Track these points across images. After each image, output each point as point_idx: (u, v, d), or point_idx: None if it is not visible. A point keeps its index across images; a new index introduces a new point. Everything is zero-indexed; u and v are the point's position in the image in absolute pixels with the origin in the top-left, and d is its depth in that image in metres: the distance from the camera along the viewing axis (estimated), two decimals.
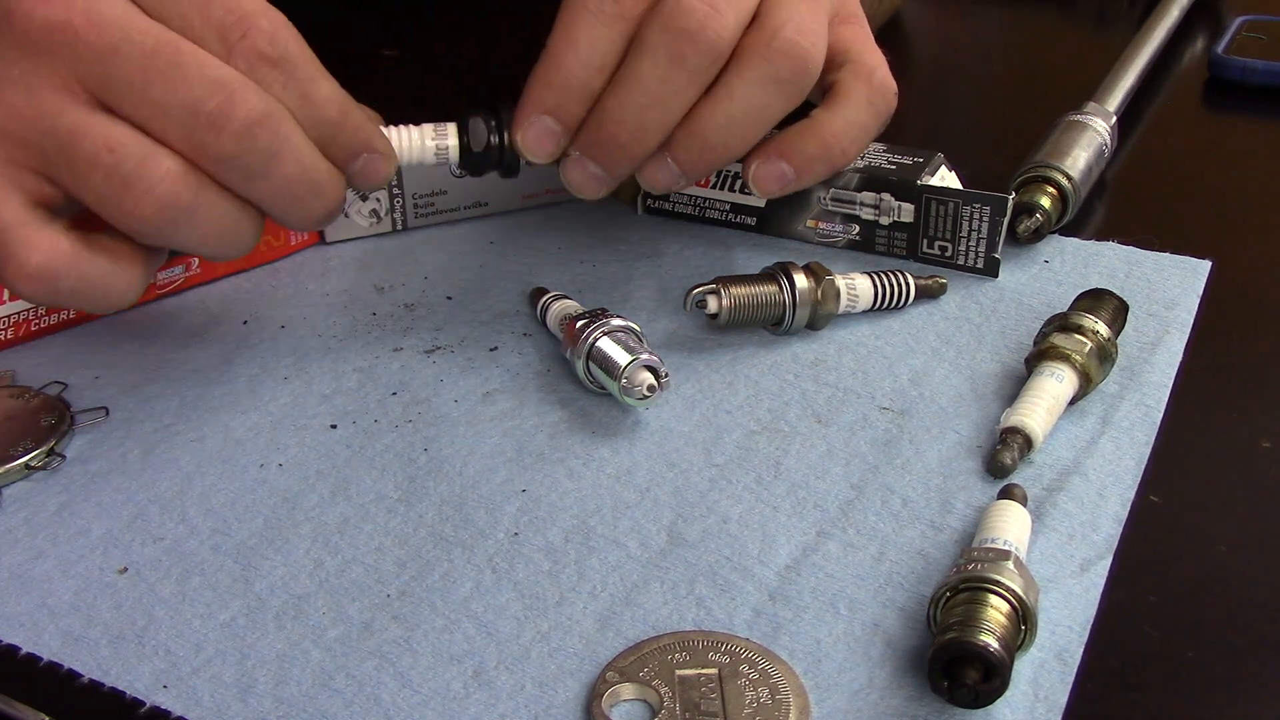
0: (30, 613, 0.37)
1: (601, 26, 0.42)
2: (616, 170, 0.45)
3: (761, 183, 0.47)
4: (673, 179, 0.45)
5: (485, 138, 0.44)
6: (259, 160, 0.38)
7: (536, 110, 0.43)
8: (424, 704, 0.34)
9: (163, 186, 0.37)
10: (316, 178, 0.40)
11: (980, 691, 0.32)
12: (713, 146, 0.44)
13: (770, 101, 0.44)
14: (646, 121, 0.43)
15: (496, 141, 0.45)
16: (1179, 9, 0.72)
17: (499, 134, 0.45)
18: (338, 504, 0.41)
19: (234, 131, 0.37)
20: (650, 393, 0.42)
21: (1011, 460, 0.40)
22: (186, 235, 0.39)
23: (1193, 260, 0.52)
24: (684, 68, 0.42)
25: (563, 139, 0.44)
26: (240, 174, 0.39)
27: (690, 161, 0.44)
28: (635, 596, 0.37)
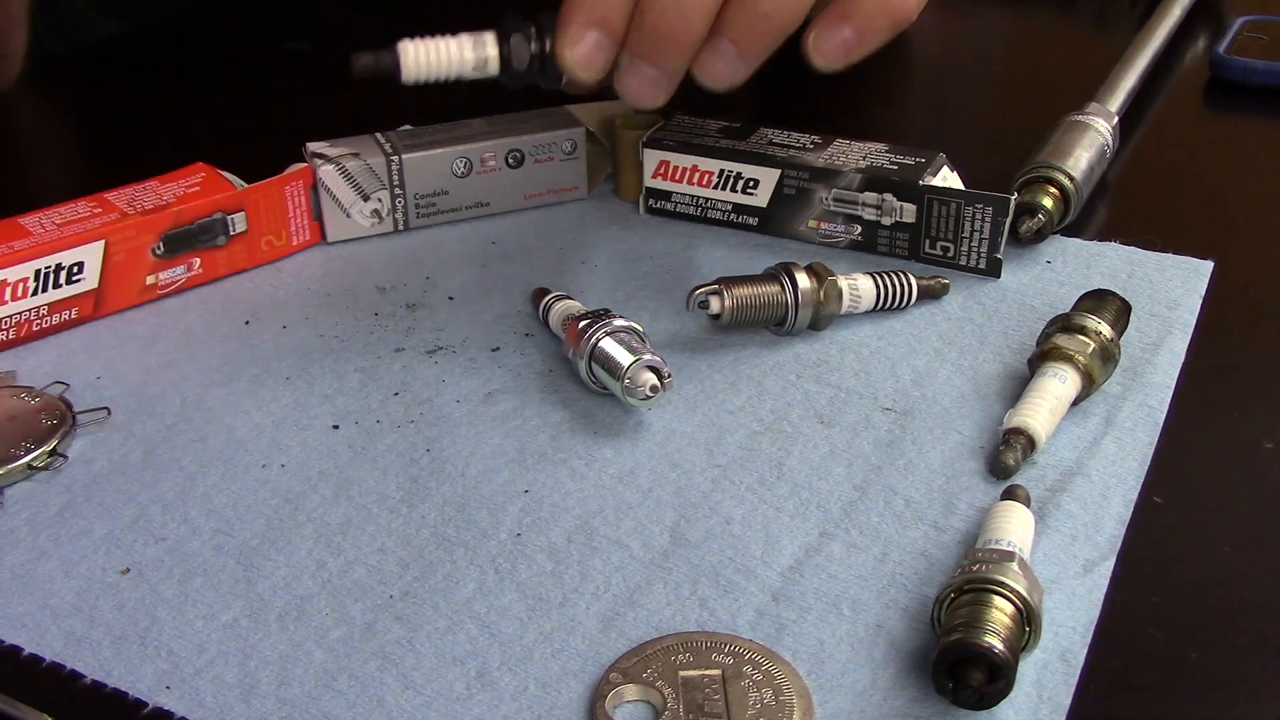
0: (33, 613, 0.37)
1: None
2: (669, 64, 0.43)
3: (824, 52, 0.45)
4: (731, 65, 0.43)
5: (526, 48, 0.44)
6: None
7: (582, 25, 0.43)
8: (427, 705, 0.34)
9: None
10: None
11: (985, 693, 0.32)
12: (767, 14, 0.43)
13: None
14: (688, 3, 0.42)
15: (537, 50, 0.44)
16: (1180, 9, 0.72)
17: (539, 42, 0.44)
18: (340, 504, 0.41)
19: None
20: (653, 393, 0.42)
21: (1014, 461, 0.40)
22: None
23: (1195, 261, 0.52)
24: None
25: (610, 50, 0.43)
26: None
27: (747, 38, 0.43)
28: (638, 597, 0.37)
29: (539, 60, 0.44)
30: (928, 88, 0.74)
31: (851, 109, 0.70)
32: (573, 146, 0.57)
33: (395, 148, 0.55)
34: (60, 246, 0.48)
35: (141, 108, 0.70)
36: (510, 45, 0.44)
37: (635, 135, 0.56)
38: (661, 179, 0.56)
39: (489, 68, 0.44)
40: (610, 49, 0.43)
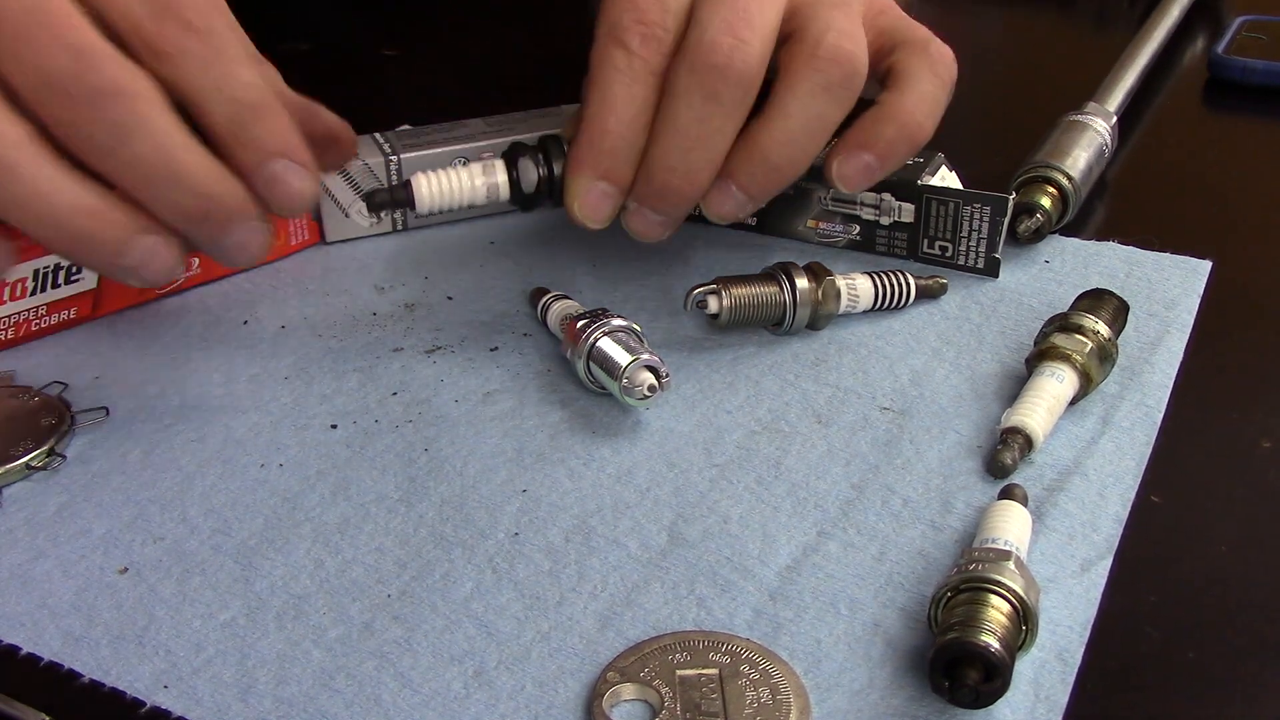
0: (31, 613, 0.37)
1: (635, 83, 0.43)
2: (675, 213, 0.45)
3: (849, 180, 0.47)
4: (738, 206, 0.45)
5: (534, 172, 0.46)
6: (109, 134, 0.36)
7: (590, 175, 0.44)
8: (424, 704, 0.34)
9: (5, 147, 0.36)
10: (177, 166, 0.38)
11: (981, 692, 0.32)
12: (776, 166, 0.44)
13: (825, 110, 0.44)
14: (693, 162, 0.43)
15: (545, 174, 0.46)
16: (1179, 9, 0.72)
17: (548, 167, 0.46)
18: (338, 504, 0.41)
19: (82, 99, 0.36)
20: (651, 393, 0.42)
21: (1012, 460, 0.40)
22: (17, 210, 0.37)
23: (1193, 260, 0.52)
24: (719, 103, 0.43)
25: (617, 199, 0.45)
26: (88, 145, 0.37)
27: (755, 185, 0.45)
28: (636, 596, 0.37)
29: (547, 184, 0.46)
30: None
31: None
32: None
33: (394, 148, 0.55)
34: None
35: None
36: (519, 170, 0.46)
37: None
38: None
39: (500, 193, 0.46)
40: (617, 198, 0.45)
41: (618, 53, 0.43)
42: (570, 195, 0.45)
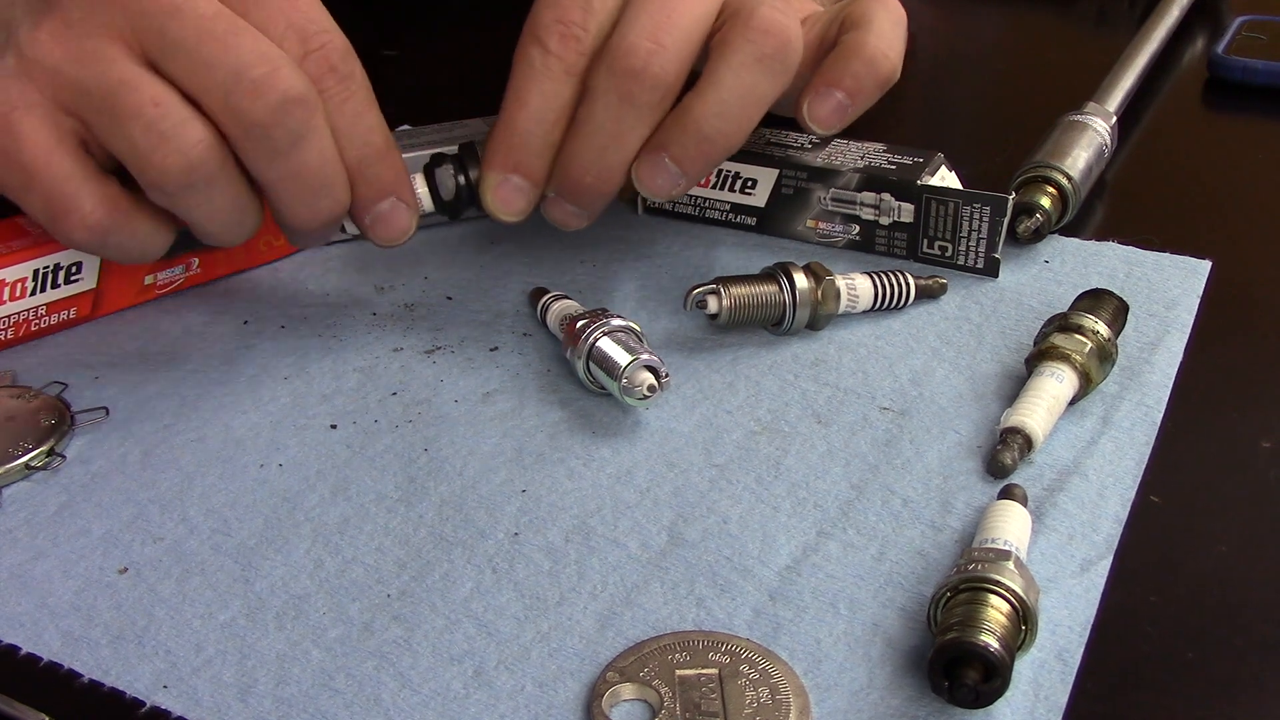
0: (30, 613, 0.37)
1: (549, 81, 0.44)
2: (593, 207, 0.46)
3: (821, 120, 0.47)
4: (672, 181, 0.45)
5: (453, 183, 0.46)
6: (286, 138, 0.40)
7: (500, 170, 0.45)
8: (424, 704, 0.34)
9: (196, 150, 0.39)
10: (333, 176, 0.42)
11: (981, 691, 0.32)
12: (709, 137, 0.44)
13: (758, 82, 0.44)
14: (608, 161, 0.44)
15: (464, 183, 0.46)
16: (1179, 9, 0.72)
17: (465, 175, 0.46)
18: (338, 504, 0.41)
19: (271, 102, 0.39)
20: (650, 393, 0.42)
21: (1012, 460, 0.40)
22: (199, 204, 0.40)
23: (1193, 260, 0.52)
24: (634, 105, 0.43)
25: (531, 193, 0.45)
26: (265, 148, 0.40)
27: (689, 158, 0.44)
28: (635, 596, 0.37)
29: (467, 190, 0.47)
30: (926, 87, 0.74)
31: None
32: None
33: None
34: (59, 246, 0.48)
35: None
36: (436, 179, 0.46)
37: None
38: None
39: (424, 205, 0.46)
40: (530, 192, 0.45)
41: (534, 51, 0.44)
42: (484, 189, 0.45)
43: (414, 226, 0.45)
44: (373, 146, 0.43)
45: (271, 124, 0.39)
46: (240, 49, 0.39)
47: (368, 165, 0.43)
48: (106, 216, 0.40)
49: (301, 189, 0.41)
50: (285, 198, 0.42)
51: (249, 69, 0.39)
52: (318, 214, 0.42)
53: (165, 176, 0.39)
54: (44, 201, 0.40)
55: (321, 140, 0.41)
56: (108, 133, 0.39)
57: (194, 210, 0.41)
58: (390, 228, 0.45)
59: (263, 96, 0.39)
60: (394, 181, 0.44)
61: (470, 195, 0.47)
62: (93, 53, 0.39)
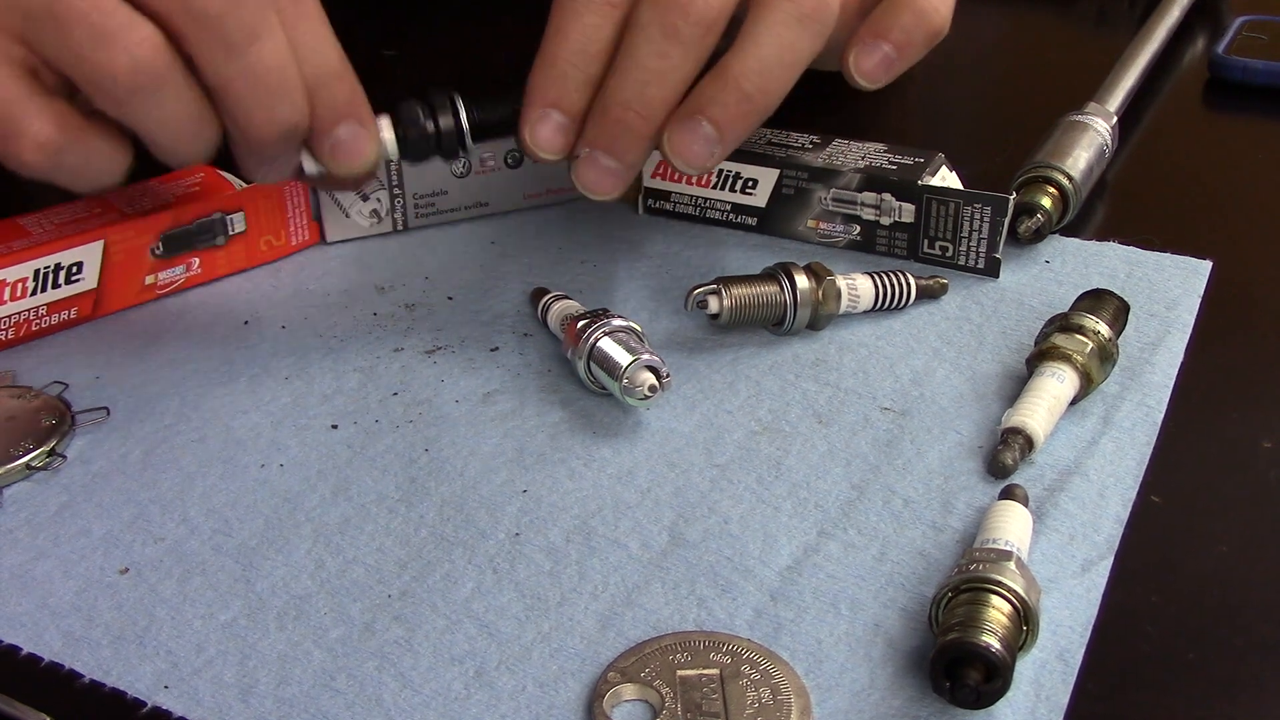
0: (31, 613, 0.37)
1: (590, 14, 0.42)
2: (629, 157, 0.44)
3: (868, 73, 0.45)
4: (708, 148, 0.43)
5: (420, 124, 0.44)
6: (239, 31, 0.38)
7: (541, 105, 0.43)
8: (425, 704, 0.34)
9: (141, 49, 0.37)
10: (290, 79, 0.40)
11: (982, 692, 0.32)
12: (749, 95, 0.43)
13: (798, 41, 0.43)
14: (649, 98, 0.42)
15: (434, 129, 0.45)
16: (1179, 9, 0.72)
17: (434, 119, 0.45)
18: (339, 504, 0.41)
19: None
20: (651, 393, 0.42)
21: (1013, 460, 0.40)
22: (151, 110, 0.39)
23: (1193, 260, 0.52)
24: (679, 40, 0.42)
25: (571, 130, 0.44)
26: (218, 43, 0.38)
27: (729, 119, 0.43)
28: (636, 597, 0.37)
29: (435, 136, 0.45)
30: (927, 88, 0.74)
31: (850, 109, 0.70)
32: None
33: None
34: (59, 246, 0.48)
35: None
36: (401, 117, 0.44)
37: None
38: (660, 179, 0.56)
39: (389, 150, 0.45)
40: (572, 131, 0.44)
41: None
42: (523, 126, 0.44)
43: (375, 155, 0.43)
44: (329, 65, 0.41)
45: (222, 14, 0.38)
46: None
47: (324, 85, 0.41)
48: (58, 133, 0.39)
49: (258, 89, 0.39)
50: (241, 101, 0.40)
51: None
52: (274, 121, 0.40)
53: (112, 80, 0.38)
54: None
55: (276, 39, 0.39)
56: (52, 46, 0.38)
57: (146, 118, 0.39)
58: (351, 155, 0.43)
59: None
60: (352, 103, 0.42)
61: (438, 141, 0.45)
62: None
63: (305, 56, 0.40)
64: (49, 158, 0.39)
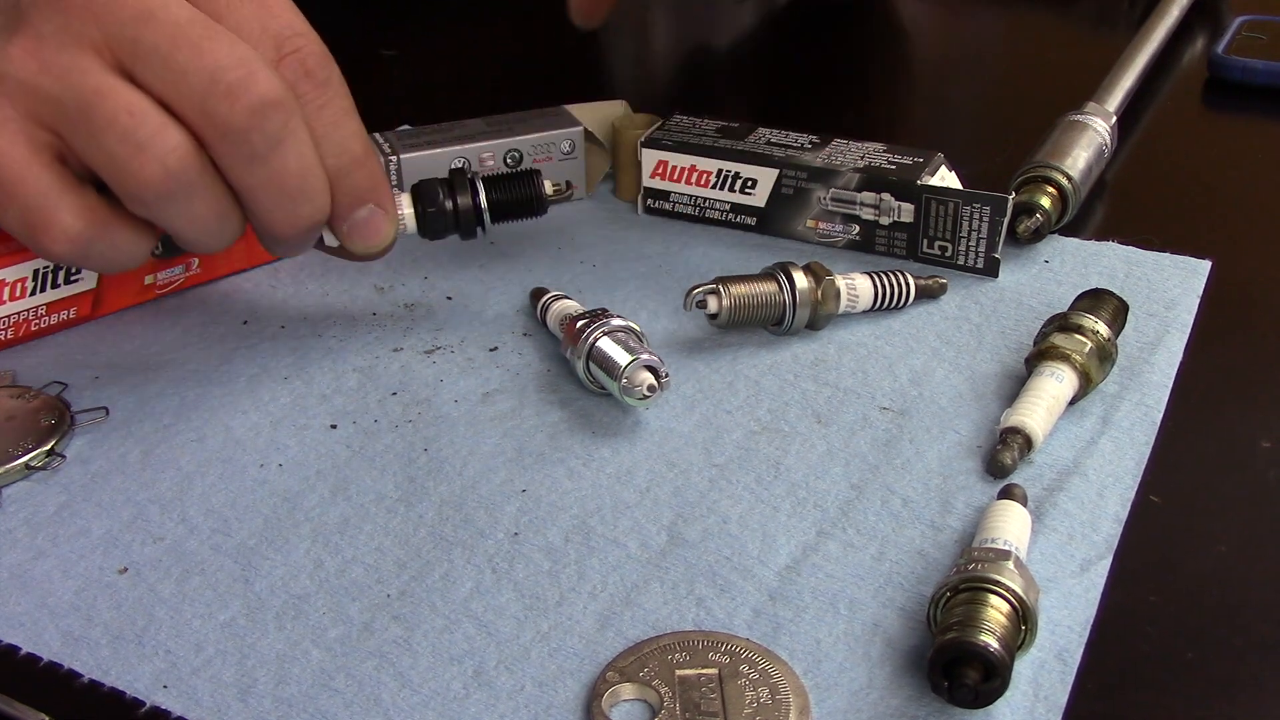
0: (30, 612, 0.37)
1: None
2: None
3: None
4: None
5: (439, 203, 0.46)
6: (264, 142, 0.39)
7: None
8: (424, 704, 0.34)
9: (172, 157, 0.38)
10: (313, 182, 0.41)
11: (980, 691, 0.32)
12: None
13: None
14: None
15: (452, 207, 0.46)
16: (1179, 9, 0.72)
17: (453, 199, 0.46)
18: (338, 504, 0.41)
19: (248, 104, 0.38)
20: (650, 393, 0.42)
21: (1011, 460, 0.40)
22: (180, 212, 0.40)
23: (1193, 260, 0.52)
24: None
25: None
26: (243, 153, 0.39)
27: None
28: (635, 596, 0.37)
29: (453, 214, 0.46)
30: (926, 87, 0.74)
31: (850, 108, 0.70)
32: (571, 146, 0.57)
33: (394, 148, 0.55)
34: None
35: None
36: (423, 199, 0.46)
37: (634, 135, 0.56)
38: (660, 179, 0.56)
39: (407, 226, 0.46)
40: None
41: None
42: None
43: (393, 235, 0.45)
44: (351, 153, 0.42)
45: (249, 128, 0.38)
46: (215, 53, 0.38)
47: (346, 172, 0.42)
48: (87, 228, 0.40)
49: (281, 195, 0.40)
50: (264, 204, 0.41)
51: (224, 72, 0.38)
52: (297, 220, 0.41)
53: (143, 186, 0.38)
54: (22, 215, 0.39)
55: (300, 144, 0.40)
56: (84, 144, 0.39)
57: (174, 219, 0.40)
58: (369, 236, 0.44)
59: (239, 100, 0.38)
60: (373, 188, 0.43)
61: (456, 220, 0.46)
62: (66, 65, 0.38)
63: (329, 148, 0.41)
64: (77, 249, 0.40)
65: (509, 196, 0.47)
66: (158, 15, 0.38)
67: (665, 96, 0.64)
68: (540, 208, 0.47)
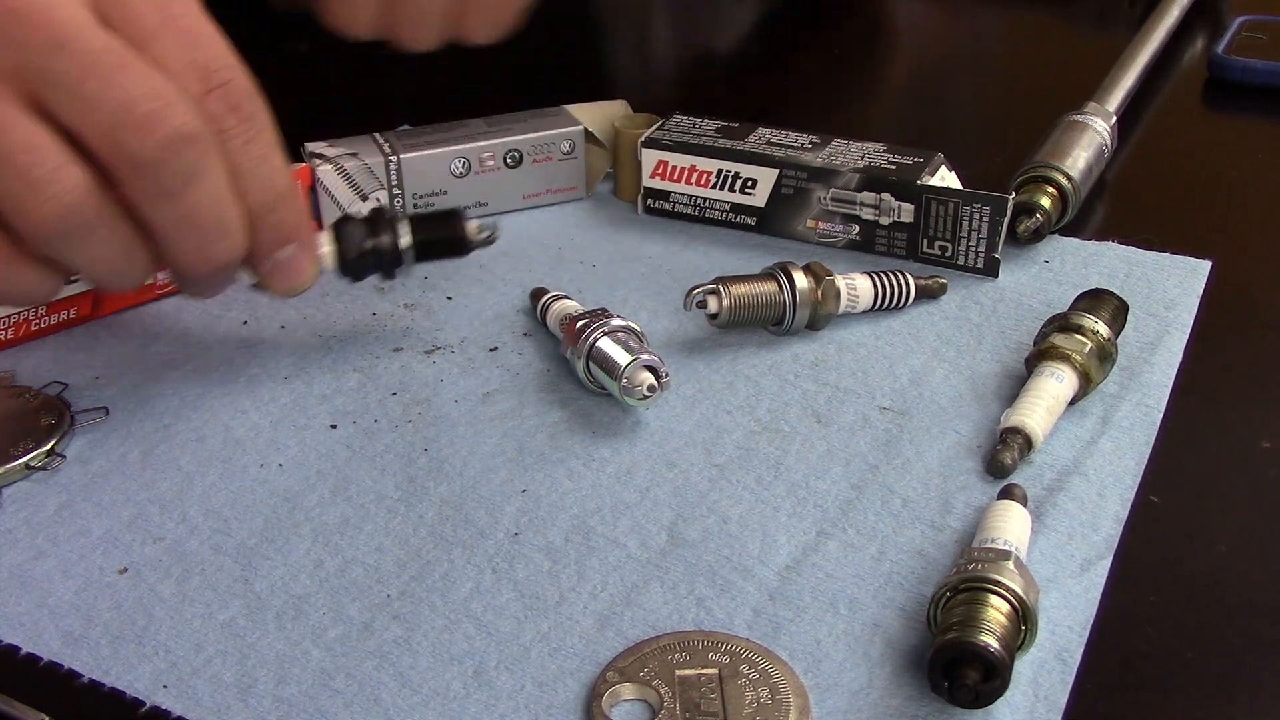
0: (30, 613, 0.37)
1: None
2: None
3: None
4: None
5: (360, 244, 0.45)
6: (176, 177, 0.37)
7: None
8: (424, 704, 0.34)
9: (70, 197, 0.37)
10: (228, 219, 0.40)
11: (980, 691, 0.32)
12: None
13: None
14: None
15: (372, 246, 0.45)
16: (1179, 9, 0.72)
17: (374, 237, 0.45)
18: (338, 504, 0.41)
19: (161, 138, 0.37)
20: (650, 393, 0.42)
21: (1011, 460, 0.40)
22: (80, 252, 0.38)
23: (1192, 260, 0.52)
24: None
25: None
26: (152, 189, 0.38)
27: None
28: (635, 596, 0.37)
29: (373, 254, 0.45)
30: (926, 87, 0.74)
31: (850, 108, 0.70)
32: (571, 146, 0.57)
33: (394, 148, 0.55)
34: None
35: None
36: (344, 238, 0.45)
37: (634, 135, 0.56)
38: (660, 179, 0.56)
39: (326, 263, 0.45)
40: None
41: None
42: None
43: (315, 276, 0.43)
44: (275, 190, 0.40)
45: (159, 162, 0.37)
46: (128, 84, 0.36)
47: (269, 209, 0.40)
48: None
49: (192, 232, 0.39)
50: (175, 241, 0.39)
51: (136, 104, 0.36)
52: (210, 259, 0.40)
53: (39, 225, 0.37)
54: None
55: (215, 180, 0.38)
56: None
57: (75, 258, 0.39)
58: (291, 276, 0.43)
59: (150, 133, 0.36)
60: (296, 227, 0.42)
61: (377, 260, 0.45)
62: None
63: (250, 184, 0.40)
64: None
65: (431, 237, 0.46)
66: (70, 44, 0.36)
67: (665, 96, 0.64)
68: (462, 249, 0.47)
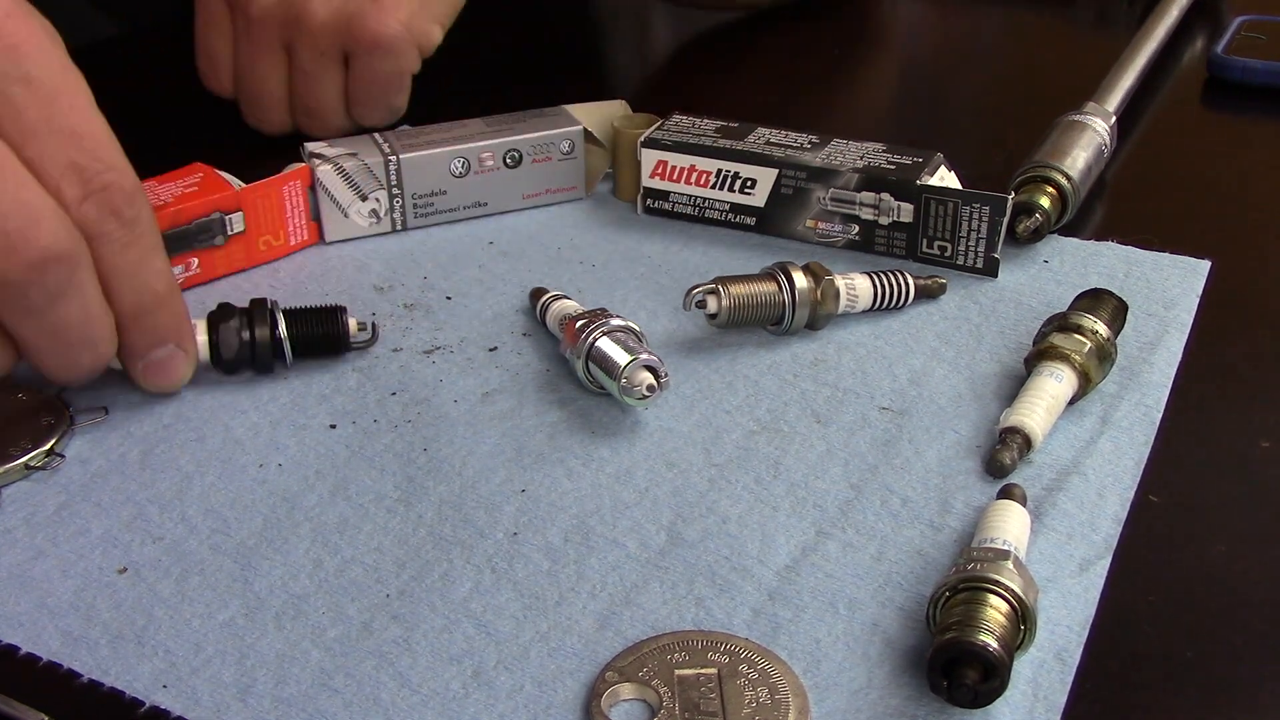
0: (30, 612, 0.37)
1: None
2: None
3: None
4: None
5: (235, 340, 0.45)
6: (43, 296, 0.37)
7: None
8: (423, 704, 0.34)
9: None
10: (95, 331, 0.40)
11: (979, 691, 0.32)
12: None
13: None
14: None
15: (249, 339, 0.45)
16: (1179, 9, 0.72)
17: (251, 330, 0.45)
18: (337, 504, 0.41)
19: (26, 259, 0.36)
20: (650, 393, 0.42)
21: (1011, 460, 0.40)
22: None
23: (1192, 260, 0.52)
24: None
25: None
26: (19, 306, 0.38)
27: None
28: (634, 596, 0.37)
29: (250, 348, 0.45)
30: (926, 87, 0.74)
31: (849, 108, 0.70)
32: (571, 146, 0.57)
33: (393, 147, 0.55)
34: None
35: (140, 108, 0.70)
36: (219, 333, 0.45)
37: (633, 135, 0.56)
38: (659, 179, 0.56)
39: (200, 355, 0.45)
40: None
41: None
42: None
43: (189, 376, 0.44)
44: (153, 292, 0.41)
45: (26, 283, 0.36)
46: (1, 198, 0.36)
47: (147, 311, 0.41)
48: None
49: (58, 345, 0.39)
50: (39, 351, 0.39)
51: (4, 220, 0.36)
52: (75, 369, 0.41)
53: None
54: None
55: (84, 296, 0.38)
56: None
57: None
58: (164, 376, 0.43)
59: (17, 253, 0.36)
60: (173, 329, 0.42)
61: (253, 354, 0.45)
62: None
63: (125, 288, 0.40)
64: None
65: (310, 332, 0.46)
66: None
67: (665, 96, 0.64)
68: (342, 347, 0.47)
